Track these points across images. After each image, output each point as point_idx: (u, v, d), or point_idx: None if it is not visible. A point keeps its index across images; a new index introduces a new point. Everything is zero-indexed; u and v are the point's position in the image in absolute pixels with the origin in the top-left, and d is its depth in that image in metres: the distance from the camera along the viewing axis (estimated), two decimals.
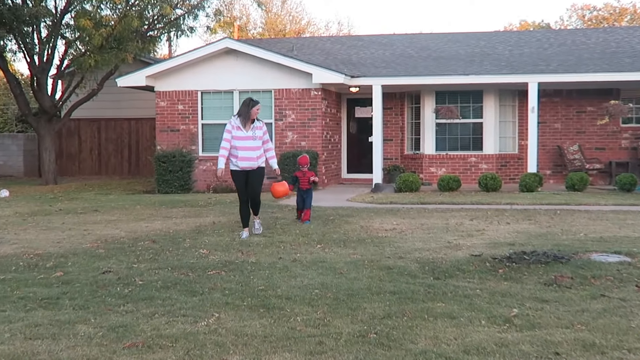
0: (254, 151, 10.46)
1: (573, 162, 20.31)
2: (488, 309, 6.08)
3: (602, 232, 10.59)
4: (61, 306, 6.46)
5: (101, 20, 22.60)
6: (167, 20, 24.37)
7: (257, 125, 10.55)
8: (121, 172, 28.01)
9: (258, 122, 10.58)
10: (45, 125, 23.88)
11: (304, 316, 5.96)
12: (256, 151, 10.49)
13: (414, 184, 17.95)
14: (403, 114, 21.69)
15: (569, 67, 19.31)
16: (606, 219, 12.08)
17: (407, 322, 5.72)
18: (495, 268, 7.89)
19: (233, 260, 8.67)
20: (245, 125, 10.46)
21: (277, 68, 19.26)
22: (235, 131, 10.43)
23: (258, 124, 10.57)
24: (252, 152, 10.44)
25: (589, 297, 6.49)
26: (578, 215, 12.77)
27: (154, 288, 7.13)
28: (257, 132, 10.51)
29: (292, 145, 19.32)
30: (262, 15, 47.70)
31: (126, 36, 22.71)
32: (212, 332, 5.53)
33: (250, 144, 10.44)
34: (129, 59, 22.79)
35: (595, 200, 15.18)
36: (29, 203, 16.92)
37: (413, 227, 11.51)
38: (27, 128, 33.88)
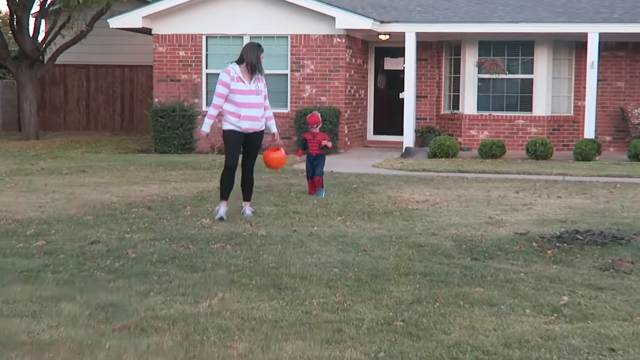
0: (259, 109, 9.71)
1: (638, 127, 20.14)
2: (533, 296, 6.08)
3: None
4: (43, 280, 6.52)
5: None
6: None
7: (259, 77, 9.77)
8: (112, 127, 28.10)
9: (259, 74, 9.78)
10: (26, 71, 23.96)
11: (321, 299, 5.99)
12: (261, 109, 9.76)
13: (450, 148, 17.90)
14: (440, 67, 21.54)
15: (637, 15, 19.06)
16: None
17: (440, 308, 5.74)
18: (543, 249, 7.88)
19: (240, 232, 8.71)
20: (248, 76, 9.67)
21: (295, 10, 19.15)
22: (235, 83, 9.56)
23: (259, 75, 9.76)
24: (257, 110, 9.67)
25: None
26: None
27: (149, 262, 7.18)
28: (259, 85, 9.74)
29: (311, 100, 19.28)
30: None
31: None
32: (215, 314, 5.57)
33: (254, 100, 9.65)
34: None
35: None
36: (7, 161, 17.05)
37: (449, 199, 11.49)
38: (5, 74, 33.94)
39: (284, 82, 19.52)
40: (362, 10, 20.09)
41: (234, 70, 9.63)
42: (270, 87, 19.13)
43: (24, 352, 4.76)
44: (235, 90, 9.55)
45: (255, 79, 9.69)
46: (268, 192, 12.02)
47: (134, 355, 4.76)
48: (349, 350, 4.86)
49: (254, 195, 10.52)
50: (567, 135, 20.52)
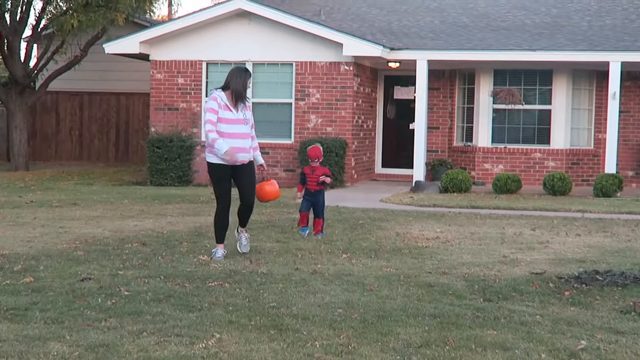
0: (247, 139, 9.45)
1: None
2: (550, 340, 6.07)
3: None
4: (30, 319, 6.53)
5: None
6: None
7: (245, 105, 9.50)
8: (107, 158, 28.20)
9: (246, 102, 9.56)
10: (16, 98, 24.11)
11: (324, 341, 5.98)
12: (248, 139, 9.47)
13: (463, 183, 17.93)
14: (453, 97, 21.63)
15: None
16: None
17: (450, 352, 5.73)
18: (561, 290, 7.86)
19: (239, 269, 8.71)
20: (235, 103, 9.41)
21: (300, 36, 19.30)
22: (222, 112, 9.30)
23: (246, 103, 9.55)
24: (244, 141, 9.39)
25: None
26: None
27: (142, 301, 7.19)
28: (247, 113, 9.47)
29: (316, 131, 19.35)
30: None
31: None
32: (211, 356, 5.57)
33: (241, 130, 9.38)
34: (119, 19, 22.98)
35: None
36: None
37: (461, 236, 11.49)
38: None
39: (287, 111, 19.61)
40: (371, 36, 20.22)
41: (220, 98, 9.34)
42: (274, 117, 19.64)
43: None
44: (223, 119, 9.28)
45: (242, 107, 9.42)
46: (269, 227, 12.04)
47: None
48: None
49: (254, 232, 10.52)
50: (587, 169, 20.54)
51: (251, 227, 11.85)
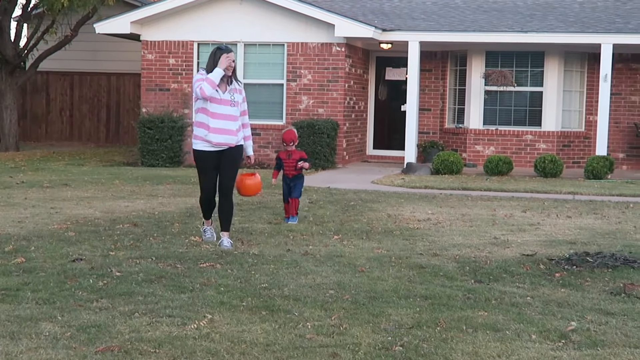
0: (233, 122, 9.00)
1: None
2: (540, 321, 6.10)
3: None
4: (22, 299, 6.53)
5: None
6: None
7: (237, 87, 9.09)
8: (97, 138, 28.13)
9: (237, 84, 9.12)
10: (6, 78, 24.00)
11: (316, 322, 6.01)
12: (236, 122, 9.02)
13: (455, 164, 17.95)
14: (445, 78, 21.63)
15: None
16: None
17: (441, 333, 5.75)
18: (551, 271, 7.90)
19: (231, 251, 8.73)
20: (220, 84, 8.93)
21: (292, 16, 19.24)
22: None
23: (237, 86, 9.12)
24: (230, 123, 8.97)
25: None
26: None
27: (134, 281, 7.20)
28: (236, 96, 9.03)
29: (307, 112, 19.33)
30: None
31: None
32: (203, 337, 5.58)
33: (227, 111, 8.95)
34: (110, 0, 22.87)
35: None
36: None
37: (452, 218, 11.52)
38: None
39: (279, 92, 19.58)
40: (363, 17, 20.18)
41: (205, 75, 8.92)
42: (265, 98, 19.61)
43: None
44: (210, 97, 8.91)
45: (232, 90, 9.01)
46: (261, 208, 12.05)
47: None
48: None
49: (246, 213, 10.49)
50: (578, 151, 20.59)
51: (242, 207, 11.91)
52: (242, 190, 9.57)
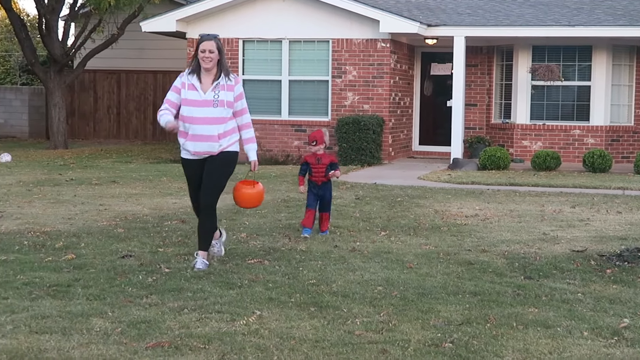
0: (213, 125, 7.71)
1: None
2: (592, 318, 6.03)
3: None
4: (73, 295, 6.62)
5: None
6: None
7: (224, 83, 7.78)
8: (144, 136, 28.39)
9: (226, 79, 7.81)
10: (54, 77, 24.29)
11: (364, 318, 6.00)
12: (218, 125, 7.73)
13: (501, 160, 17.82)
14: (491, 73, 21.47)
15: None
16: None
17: (491, 330, 5.72)
18: (602, 268, 7.82)
19: (278, 247, 8.76)
20: (201, 81, 7.79)
21: (337, 13, 19.23)
22: (186, 92, 7.78)
23: (226, 81, 7.80)
24: (211, 127, 7.71)
25: None
26: None
27: (183, 277, 7.26)
28: (222, 94, 7.74)
29: (353, 108, 19.31)
30: None
31: None
32: (252, 333, 5.61)
33: (207, 114, 7.70)
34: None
35: None
36: (35, 170, 17.29)
37: (500, 213, 11.45)
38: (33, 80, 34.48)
39: (324, 89, 19.58)
40: (408, 13, 20.10)
41: (186, 76, 7.86)
42: (310, 95, 19.61)
43: None
44: (186, 100, 7.75)
45: (217, 86, 7.74)
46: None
47: None
48: None
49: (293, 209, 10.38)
50: (627, 146, 20.32)
51: (289, 204, 11.93)
52: (239, 202, 8.30)
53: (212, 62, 7.66)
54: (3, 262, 7.89)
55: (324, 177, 9.55)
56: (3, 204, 11.97)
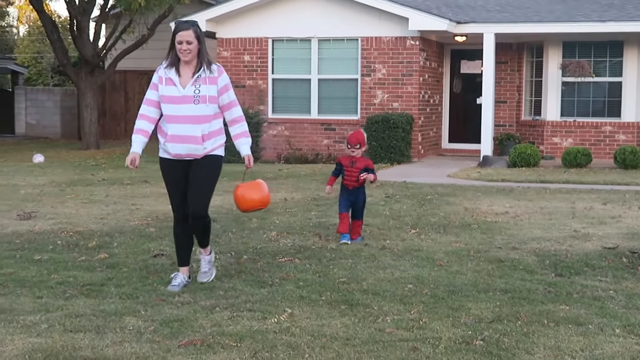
0: (196, 125, 6.71)
1: None
2: (624, 315, 6.00)
3: None
4: (106, 294, 6.68)
5: None
6: None
7: (205, 75, 6.76)
8: None
9: (207, 71, 6.79)
10: (86, 77, 24.49)
11: (395, 316, 6.01)
12: (202, 125, 6.73)
13: (532, 157, 17.74)
14: (521, 70, 21.37)
15: None
16: None
17: (522, 327, 5.70)
18: (634, 265, 7.76)
19: (309, 245, 8.77)
20: (180, 74, 6.81)
21: (365, 11, 19.22)
22: (164, 87, 6.81)
23: (207, 73, 6.78)
24: (192, 127, 6.71)
25: None
26: None
27: (215, 276, 7.29)
28: (202, 88, 6.74)
29: (382, 106, 19.30)
30: None
31: None
32: (283, 331, 5.63)
33: (188, 111, 6.71)
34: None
35: None
36: (67, 171, 17.45)
37: (530, 211, 11.39)
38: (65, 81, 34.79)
39: (353, 87, 19.59)
40: (437, 10, 20.05)
41: (162, 70, 6.88)
42: (340, 93, 19.63)
43: None
44: (164, 97, 6.79)
45: (198, 79, 6.74)
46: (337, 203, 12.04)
47: None
48: None
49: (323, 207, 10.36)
50: None
51: (319, 202, 11.94)
52: (240, 205, 7.26)
53: (191, 53, 6.65)
54: (37, 261, 7.98)
55: (356, 182, 8.88)
56: (37, 204, 12.09)
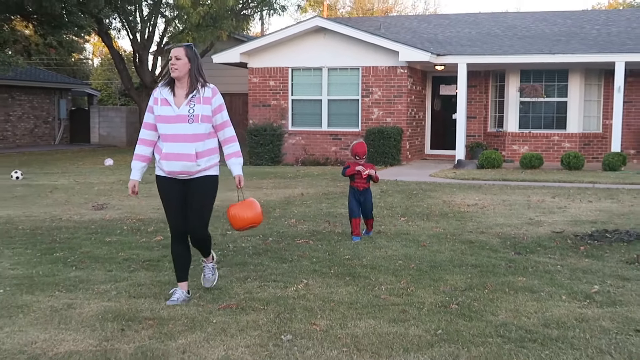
0: (190, 143, 5.43)
1: None
2: (569, 285, 5.98)
3: None
4: (161, 268, 6.70)
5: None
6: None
7: (200, 95, 5.49)
8: None
9: (202, 91, 5.52)
10: (145, 98, 24.57)
11: (388, 285, 6.01)
12: (196, 143, 5.45)
13: (496, 161, 17.69)
14: (487, 92, 21.30)
15: None
16: None
17: (488, 294, 5.69)
18: (577, 245, 7.74)
19: (320, 230, 8.77)
20: (175, 94, 5.52)
21: (365, 46, 19.19)
22: (159, 108, 5.50)
23: (202, 93, 5.51)
24: (186, 146, 5.42)
25: None
26: None
27: (246, 254, 7.31)
28: (197, 107, 5.44)
29: (378, 121, 19.27)
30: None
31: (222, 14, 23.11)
32: (300, 297, 5.64)
33: (184, 130, 5.42)
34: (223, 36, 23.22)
35: None
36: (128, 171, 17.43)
37: (495, 203, 11.36)
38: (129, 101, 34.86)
39: (355, 106, 19.56)
40: (421, 45, 20.02)
41: (160, 91, 5.58)
42: (344, 110, 19.62)
43: (148, 326, 4.91)
44: (159, 117, 5.48)
45: (192, 99, 5.46)
46: (343, 197, 12.05)
47: (235, 329, 4.85)
48: (412, 328, 4.87)
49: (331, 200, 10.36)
50: (597, 149, 20.05)
51: (329, 196, 11.94)
52: (234, 224, 5.93)
53: (178, 70, 5.43)
54: (108, 242, 8.01)
55: (365, 184, 8.20)
56: (107, 198, 12.13)
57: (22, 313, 5.24)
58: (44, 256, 7.25)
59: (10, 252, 7.48)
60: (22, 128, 30.59)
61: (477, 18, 25.20)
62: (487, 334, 4.73)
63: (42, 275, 6.41)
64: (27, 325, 4.97)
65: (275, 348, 4.49)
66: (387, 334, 4.74)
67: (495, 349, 4.43)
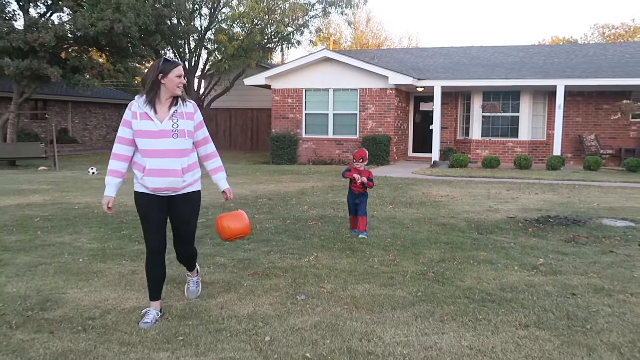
0: (176, 159, 4.11)
1: (590, 147, 19.45)
2: (520, 258, 5.97)
3: (611, 202, 10.15)
4: (204, 243, 6.70)
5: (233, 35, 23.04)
6: (281, 35, 24.58)
7: (182, 110, 4.16)
8: (245, 147, 28.54)
9: (182, 106, 4.17)
10: None
11: (379, 258, 6.00)
12: (182, 158, 4.13)
13: (463, 162, 17.62)
14: (457, 108, 21.20)
15: (590, 74, 18.41)
16: (615, 193, 11.57)
17: (457, 265, 5.69)
18: (526, 227, 7.72)
19: (327, 214, 8.76)
20: (156, 109, 4.11)
21: (362, 72, 19.13)
22: (138, 122, 4.09)
23: (184, 108, 4.17)
24: (172, 161, 4.09)
25: (600, 252, 6.27)
26: (592, 189, 12.26)
27: (270, 233, 7.30)
28: (180, 122, 4.12)
29: (372, 130, 19.21)
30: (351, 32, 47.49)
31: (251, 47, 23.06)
32: (312, 266, 5.64)
33: (167, 145, 4.08)
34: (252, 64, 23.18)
35: (606, 178, 14.53)
36: None
37: (462, 194, 11.33)
38: None
39: (354, 118, 19.50)
40: (405, 71, 19.92)
41: (136, 104, 4.13)
42: (346, 122, 19.55)
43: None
44: (139, 131, 4.08)
45: (175, 114, 4.11)
46: (346, 189, 12.03)
47: (261, 290, 4.86)
48: (398, 290, 4.86)
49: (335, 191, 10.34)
50: (542, 153, 19.94)
51: (334, 189, 11.91)
52: (223, 234, 4.55)
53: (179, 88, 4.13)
54: None
55: (362, 188, 7.22)
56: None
57: (96, 277, 5.26)
58: (113, 233, 7.27)
59: (88, 230, 7.51)
60: (97, 134, 30.76)
61: (449, 51, 25.07)
62: (456, 295, 4.72)
63: (112, 248, 6.43)
64: (101, 286, 4.99)
65: (292, 305, 4.49)
66: (379, 295, 4.74)
67: (463, 308, 4.42)
